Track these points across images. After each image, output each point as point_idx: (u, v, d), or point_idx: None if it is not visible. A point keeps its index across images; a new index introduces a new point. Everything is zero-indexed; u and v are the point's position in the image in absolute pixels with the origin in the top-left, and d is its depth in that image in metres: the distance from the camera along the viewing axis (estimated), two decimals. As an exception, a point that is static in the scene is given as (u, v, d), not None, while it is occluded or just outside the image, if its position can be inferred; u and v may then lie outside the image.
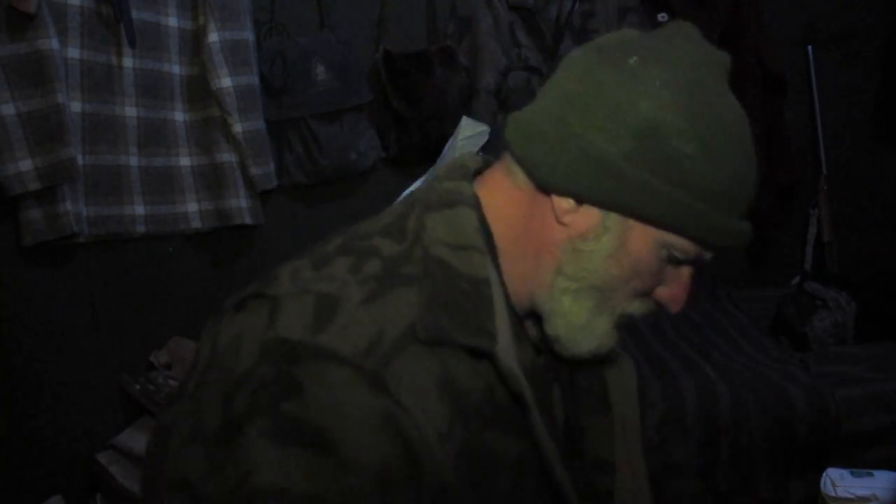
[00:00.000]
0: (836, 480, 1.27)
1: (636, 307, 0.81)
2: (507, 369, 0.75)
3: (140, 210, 2.08)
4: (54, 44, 1.80)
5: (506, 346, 0.75)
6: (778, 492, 1.80)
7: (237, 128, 2.10)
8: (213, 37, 2.05)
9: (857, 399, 1.83)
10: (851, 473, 1.29)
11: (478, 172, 0.85)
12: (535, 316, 0.82)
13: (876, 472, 1.29)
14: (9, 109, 1.78)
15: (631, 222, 0.76)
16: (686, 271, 0.81)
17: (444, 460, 0.71)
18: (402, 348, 0.71)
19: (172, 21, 2.08)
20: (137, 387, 2.08)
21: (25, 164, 1.81)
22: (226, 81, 2.07)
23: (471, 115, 2.20)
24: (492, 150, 2.34)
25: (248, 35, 2.12)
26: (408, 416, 0.70)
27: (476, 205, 0.80)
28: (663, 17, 2.62)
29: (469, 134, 1.94)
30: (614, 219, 0.76)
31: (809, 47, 2.75)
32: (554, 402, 0.86)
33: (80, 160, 1.89)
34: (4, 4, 1.73)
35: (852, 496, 1.24)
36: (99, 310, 2.11)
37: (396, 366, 0.70)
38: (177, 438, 0.75)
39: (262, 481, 0.67)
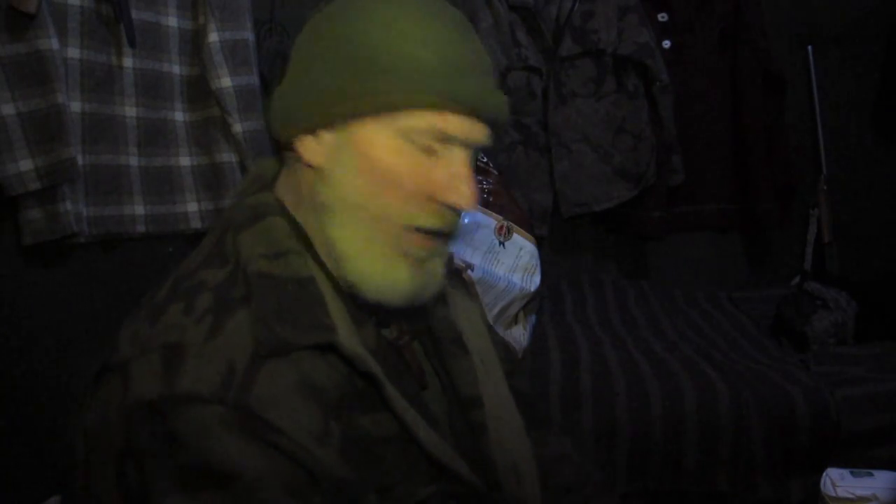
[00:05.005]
0: (836, 480, 1.27)
1: (423, 220, 0.81)
2: (352, 353, 0.78)
3: (140, 210, 2.08)
4: (54, 44, 1.80)
5: (346, 333, 0.79)
6: (778, 492, 1.80)
7: (237, 128, 2.10)
8: (213, 37, 2.05)
9: (857, 399, 1.82)
10: (851, 473, 1.29)
11: (277, 177, 0.90)
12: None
13: (876, 472, 1.29)
14: (9, 109, 1.78)
15: (355, 126, 0.79)
16: (457, 157, 0.81)
17: (329, 458, 0.74)
18: (255, 371, 0.74)
19: (172, 21, 2.08)
20: (137, 387, 2.07)
21: (25, 164, 1.81)
22: (226, 81, 2.07)
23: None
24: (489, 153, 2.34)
25: (248, 35, 2.11)
26: (280, 434, 0.72)
27: (281, 210, 0.84)
28: (663, 17, 2.62)
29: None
30: (342, 134, 0.80)
31: (809, 47, 2.75)
32: (421, 359, 0.91)
33: (80, 160, 1.89)
34: (4, 4, 1.73)
35: (852, 496, 1.24)
36: (99, 310, 2.11)
37: (256, 390, 0.73)
38: None
39: None
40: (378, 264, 0.81)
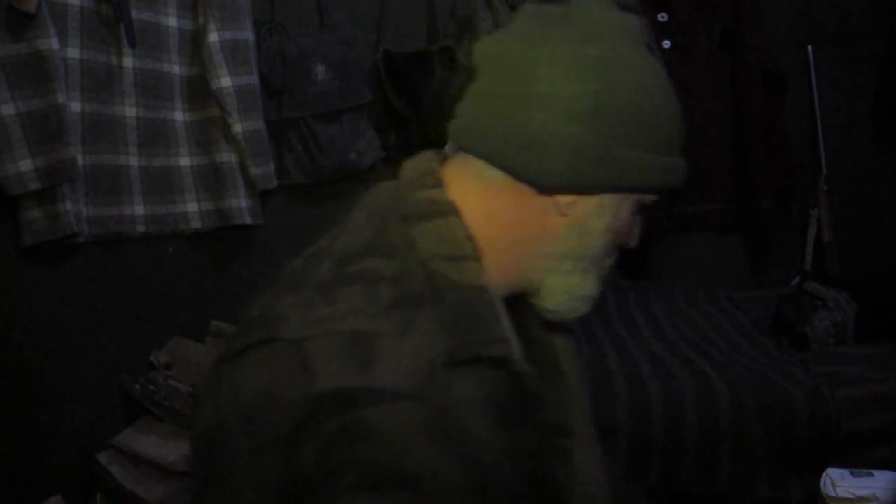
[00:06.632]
0: (836, 480, 1.27)
1: (612, 261, 0.88)
2: (523, 371, 0.78)
3: (140, 210, 2.08)
4: (54, 44, 1.80)
5: (516, 348, 0.78)
6: (778, 492, 1.80)
7: (237, 128, 2.10)
8: (213, 37, 2.05)
9: (857, 399, 1.82)
10: (851, 473, 1.29)
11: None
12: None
13: (876, 472, 1.29)
14: (9, 109, 1.78)
15: (624, 195, 0.82)
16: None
17: (511, 473, 0.75)
18: (450, 374, 0.72)
19: (172, 21, 2.08)
20: (137, 387, 2.08)
21: (25, 164, 1.81)
22: (226, 81, 2.07)
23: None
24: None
25: (248, 35, 2.12)
26: (477, 443, 0.72)
27: (457, 213, 0.81)
28: (663, 17, 2.62)
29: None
30: (608, 197, 0.82)
31: (809, 47, 2.75)
32: None
33: (80, 160, 1.89)
34: (4, 4, 1.73)
35: (852, 496, 1.24)
36: (99, 310, 2.11)
37: (454, 394, 0.71)
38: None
39: None
40: (590, 299, 0.87)
